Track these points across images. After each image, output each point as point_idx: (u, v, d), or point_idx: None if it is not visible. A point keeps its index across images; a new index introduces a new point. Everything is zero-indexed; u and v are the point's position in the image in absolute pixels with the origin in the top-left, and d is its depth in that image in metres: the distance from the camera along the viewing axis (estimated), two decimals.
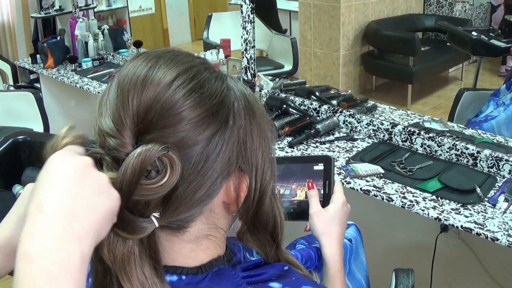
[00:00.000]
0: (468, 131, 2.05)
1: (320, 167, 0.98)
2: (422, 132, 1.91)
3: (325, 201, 0.94)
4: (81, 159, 0.50)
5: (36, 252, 0.44)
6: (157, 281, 0.55)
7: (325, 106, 2.18)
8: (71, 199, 0.47)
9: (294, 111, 2.14)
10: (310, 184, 0.93)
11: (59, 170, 0.49)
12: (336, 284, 0.86)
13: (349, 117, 2.11)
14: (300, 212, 0.96)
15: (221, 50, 3.12)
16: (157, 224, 0.54)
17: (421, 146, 1.90)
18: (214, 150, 0.57)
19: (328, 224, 0.89)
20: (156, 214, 0.55)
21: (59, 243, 0.45)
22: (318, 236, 0.90)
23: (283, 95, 2.33)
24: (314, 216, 0.90)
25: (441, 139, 1.85)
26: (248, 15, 2.34)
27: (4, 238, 0.62)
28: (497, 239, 1.39)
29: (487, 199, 1.57)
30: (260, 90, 2.41)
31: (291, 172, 1.00)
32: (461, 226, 1.46)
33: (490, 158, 1.72)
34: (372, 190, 1.66)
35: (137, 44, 3.34)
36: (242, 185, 0.62)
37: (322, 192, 0.96)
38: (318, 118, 2.17)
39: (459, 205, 1.55)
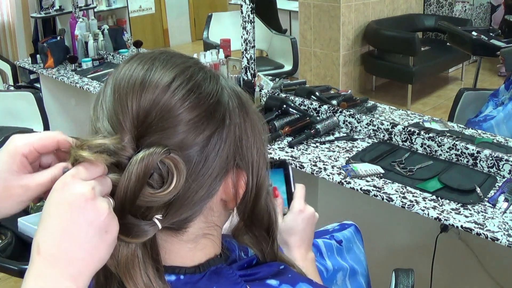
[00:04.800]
0: (468, 131, 2.05)
1: (280, 172, 0.93)
2: (422, 132, 1.91)
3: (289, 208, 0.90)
4: (81, 192, 0.49)
5: None
6: (160, 282, 0.55)
7: (325, 106, 2.18)
8: (66, 243, 0.48)
9: (294, 111, 2.14)
10: (276, 192, 0.90)
11: (57, 207, 0.49)
12: None
13: (349, 117, 2.11)
14: None
15: (221, 50, 3.11)
16: (160, 226, 0.55)
17: (421, 146, 1.90)
18: (213, 149, 0.58)
19: (283, 234, 0.87)
20: (159, 216, 0.55)
21: (53, 285, 0.47)
22: (280, 245, 0.87)
23: (283, 95, 2.33)
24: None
25: (441, 139, 1.85)
26: (248, 15, 2.34)
27: None
28: (497, 239, 1.39)
29: (487, 199, 1.57)
30: (260, 90, 2.41)
31: None
32: (461, 226, 1.46)
33: (490, 158, 1.72)
34: (372, 190, 1.66)
35: (137, 44, 3.34)
36: (240, 181, 0.62)
37: (284, 197, 0.92)
38: (318, 118, 2.16)
39: (459, 205, 1.55)
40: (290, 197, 0.91)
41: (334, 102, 2.25)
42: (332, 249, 1.07)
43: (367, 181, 1.71)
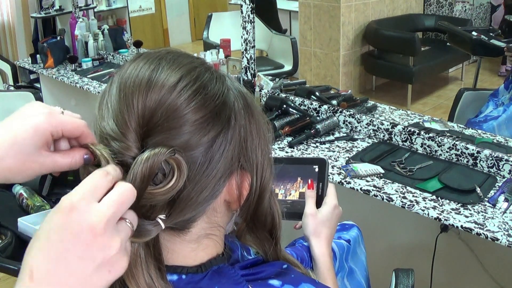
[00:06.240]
0: (468, 131, 2.05)
1: (315, 169, 1.00)
2: (422, 132, 1.91)
3: (317, 203, 0.96)
4: (91, 225, 0.45)
5: None
6: (162, 282, 0.55)
7: (325, 106, 2.18)
8: (64, 276, 0.44)
9: (294, 111, 2.14)
10: (310, 182, 0.96)
11: (60, 235, 0.45)
12: (327, 282, 0.88)
13: (349, 117, 2.11)
14: (293, 211, 0.98)
15: (221, 50, 3.12)
16: (163, 226, 0.55)
17: (421, 146, 1.90)
18: (218, 150, 0.58)
19: (320, 225, 0.93)
20: (162, 216, 0.55)
21: None
22: (309, 236, 0.93)
23: (283, 95, 2.33)
24: (309, 216, 0.93)
25: (441, 139, 1.85)
26: (248, 15, 2.34)
27: None
28: (497, 239, 1.39)
29: (487, 199, 1.57)
30: (260, 90, 2.41)
31: (287, 172, 1.01)
32: (461, 226, 1.46)
33: (490, 158, 1.72)
34: (372, 190, 1.66)
35: (137, 44, 3.34)
36: (244, 183, 0.62)
37: (315, 193, 0.97)
38: (318, 118, 2.16)
39: (459, 205, 1.55)
40: (321, 193, 0.98)
41: (334, 102, 2.25)
42: (343, 250, 1.08)
43: (367, 181, 1.71)
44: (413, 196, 1.62)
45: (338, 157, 1.89)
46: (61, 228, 0.45)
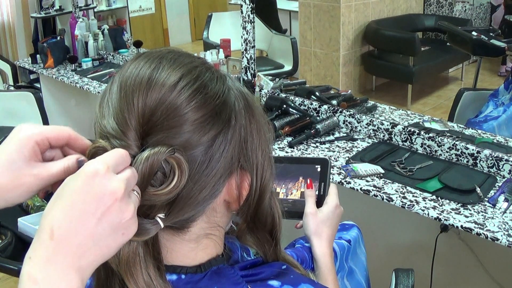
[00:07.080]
0: (468, 131, 2.05)
1: (317, 169, 1.00)
2: (422, 132, 1.91)
3: (319, 202, 0.96)
4: (113, 190, 0.48)
5: (41, 277, 0.45)
6: (161, 281, 0.55)
7: (325, 106, 2.18)
8: (84, 235, 0.46)
9: (294, 111, 2.14)
10: (309, 182, 0.95)
11: (82, 196, 0.47)
12: (328, 282, 0.88)
13: (349, 117, 2.11)
14: (294, 211, 0.98)
15: (221, 50, 3.12)
16: (162, 225, 0.55)
17: (421, 146, 1.90)
18: (218, 149, 0.58)
19: (321, 225, 0.92)
20: (161, 215, 0.55)
21: (62, 273, 0.46)
22: (310, 235, 0.92)
23: (283, 95, 2.33)
24: (309, 216, 0.93)
25: (441, 139, 1.85)
26: (248, 15, 2.34)
27: None
28: (497, 239, 1.39)
29: (487, 199, 1.57)
30: (260, 90, 2.41)
31: (289, 171, 1.01)
32: (461, 226, 1.46)
33: (490, 158, 1.72)
34: (372, 190, 1.66)
35: (137, 44, 3.34)
36: (244, 183, 0.62)
37: (316, 193, 0.97)
38: (318, 118, 2.16)
39: (459, 205, 1.55)
40: (323, 193, 0.98)
41: (334, 102, 2.25)
42: (344, 250, 1.08)
43: (367, 181, 1.71)
44: (413, 196, 1.62)
45: (338, 157, 1.89)
46: (84, 191, 0.47)
